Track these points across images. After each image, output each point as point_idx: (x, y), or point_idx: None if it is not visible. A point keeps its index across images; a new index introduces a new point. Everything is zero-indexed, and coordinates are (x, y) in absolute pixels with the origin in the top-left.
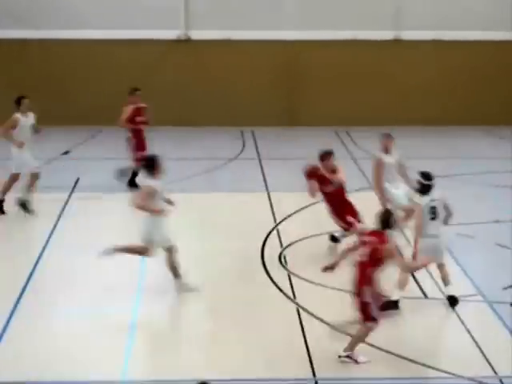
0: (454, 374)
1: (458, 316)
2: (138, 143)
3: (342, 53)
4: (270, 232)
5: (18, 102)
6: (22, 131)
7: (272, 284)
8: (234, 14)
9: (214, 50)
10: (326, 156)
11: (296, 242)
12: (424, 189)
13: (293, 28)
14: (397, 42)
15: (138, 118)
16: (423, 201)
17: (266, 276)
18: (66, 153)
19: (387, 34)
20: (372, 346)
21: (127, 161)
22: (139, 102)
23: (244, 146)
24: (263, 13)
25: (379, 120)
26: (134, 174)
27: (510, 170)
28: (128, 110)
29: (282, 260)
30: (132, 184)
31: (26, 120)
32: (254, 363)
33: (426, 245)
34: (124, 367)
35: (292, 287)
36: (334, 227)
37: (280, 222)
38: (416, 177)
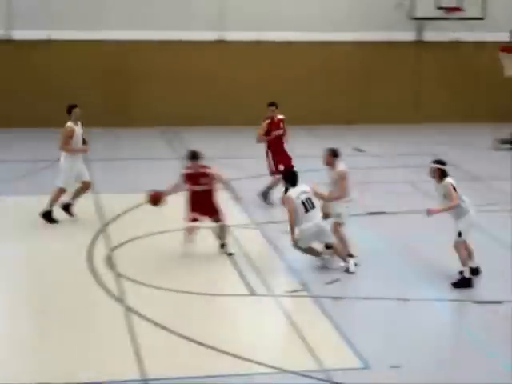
0: (280, 369)
1: (285, 311)
2: (279, 156)
3: (169, 53)
4: (98, 234)
5: (69, 111)
6: (76, 141)
7: (100, 286)
8: (57, 13)
9: (37, 50)
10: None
11: (124, 243)
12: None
13: (120, 28)
14: (221, 42)
15: (274, 133)
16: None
17: (93, 278)
18: None
19: (211, 35)
20: (199, 343)
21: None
22: (275, 115)
23: None
24: (89, 13)
25: (207, 120)
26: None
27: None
28: (264, 125)
29: (111, 262)
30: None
31: (78, 129)
32: (84, 366)
33: None
34: None
35: (120, 289)
36: (159, 228)
37: (107, 224)
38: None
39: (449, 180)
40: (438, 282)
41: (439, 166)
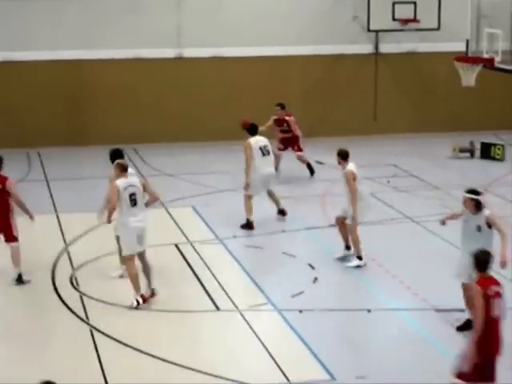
0: None
1: (250, 326)
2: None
3: (126, 71)
4: (61, 254)
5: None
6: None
7: (64, 306)
8: (13, 34)
9: None
10: None
11: (87, 262)
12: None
13: (75, 47)
14: (179, 59)
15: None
16: None
17: (57, 299)
18: None
19: (169, 52)
20: (164, 360)
21: None
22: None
23: (30, 167)
24: (43, 32)
25: (164, 137)
26: None
27: (293, 182)
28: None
29: (74, 281)
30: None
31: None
32: None
33: None
34: None
35: (85, 308)
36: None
37: (70, 244)
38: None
39: (488, 212)
40: (400, 292)
41: (473, 196)
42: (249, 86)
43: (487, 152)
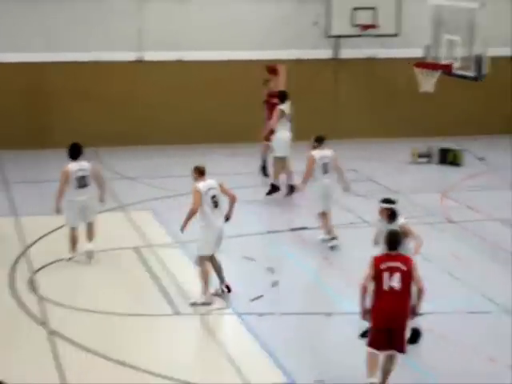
0: None
1: (209, 329)
2: None
3: (87, 74)
4: (20, 256)
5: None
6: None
7: (22, 310)
8: None
9: None
10: None
11: (47, 265)
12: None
13: (37, 50)
14: (139, 62)
15: None
16: None
17: (15, 302)
18: None
19: (130, 55)
20: (125, 364)
21: None
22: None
23: None
24: (4, 34)
25: (125, 140)
26: None
27: (256, 185)
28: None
29: (33, 285)
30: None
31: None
32: None
33: None
34: None
35: (44, 312)
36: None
37: (30, 246)
38: None
39: (403, 220)
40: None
41: (387, 205)
42: (210, 90)
43: (445, 157)
